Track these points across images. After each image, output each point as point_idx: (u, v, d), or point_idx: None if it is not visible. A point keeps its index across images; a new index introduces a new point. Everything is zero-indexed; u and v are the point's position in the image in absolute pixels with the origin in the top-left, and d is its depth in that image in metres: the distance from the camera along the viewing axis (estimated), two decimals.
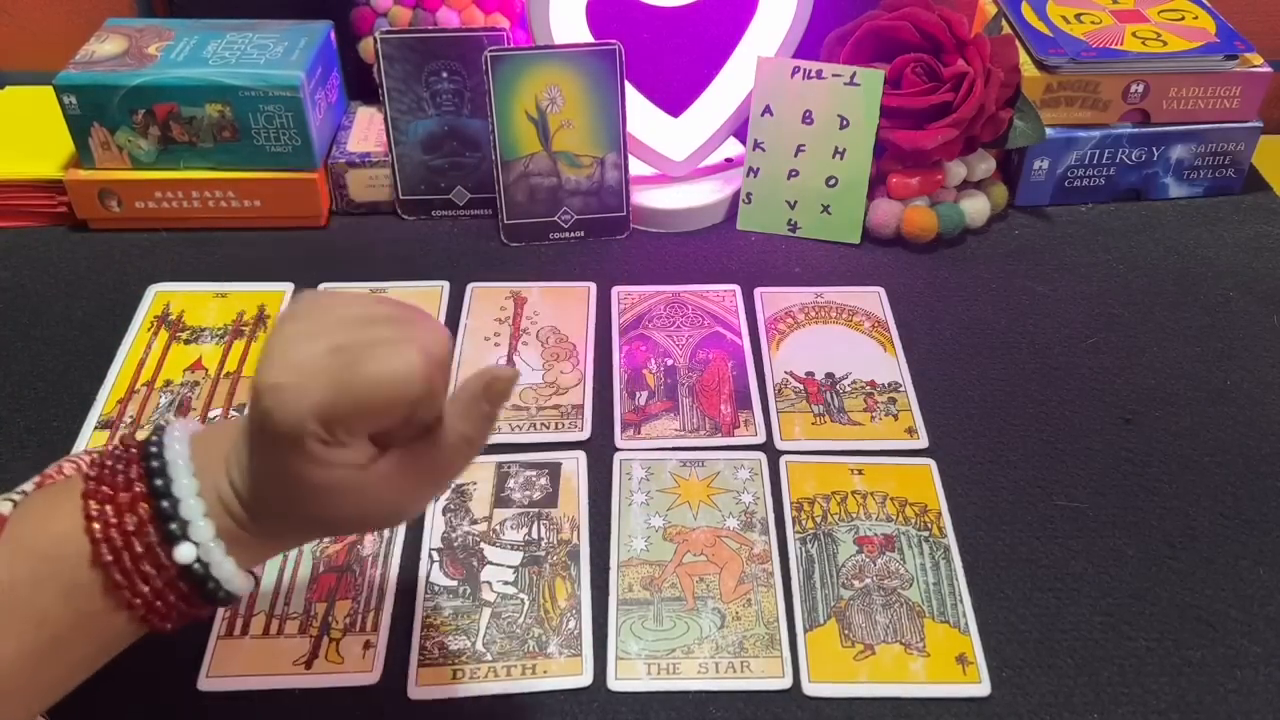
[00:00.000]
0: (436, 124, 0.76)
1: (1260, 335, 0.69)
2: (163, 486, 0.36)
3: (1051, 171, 0.80)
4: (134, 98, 0.71)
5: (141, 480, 0.36)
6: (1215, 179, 0.82)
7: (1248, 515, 0.57)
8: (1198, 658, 0.51)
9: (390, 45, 0.73)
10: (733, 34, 0.77)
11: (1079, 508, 0.58)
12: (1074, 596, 0.53)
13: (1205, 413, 0.64)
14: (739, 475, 0.59)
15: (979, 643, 0.51)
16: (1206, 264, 0.75)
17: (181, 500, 0.36)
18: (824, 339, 0.68)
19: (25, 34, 0.91)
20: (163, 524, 0.35)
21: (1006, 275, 0.74)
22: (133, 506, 0.35)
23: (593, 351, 0.67)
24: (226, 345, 0.65)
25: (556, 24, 0.73)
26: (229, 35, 0.76)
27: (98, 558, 0.35)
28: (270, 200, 0.75)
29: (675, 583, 0.54)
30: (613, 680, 0.49)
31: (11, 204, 0.76)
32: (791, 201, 0.77)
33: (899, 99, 0.74)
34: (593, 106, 0.73)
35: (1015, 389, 0.65)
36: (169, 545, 0.35)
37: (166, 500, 0.36)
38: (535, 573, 0.54)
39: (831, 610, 0.52)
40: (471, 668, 0.50)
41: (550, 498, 0.57)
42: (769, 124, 0.76)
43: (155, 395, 0.62)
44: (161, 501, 0.36)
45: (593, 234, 0.77)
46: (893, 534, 0.56)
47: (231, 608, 0.52)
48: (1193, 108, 0.79)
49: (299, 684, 0.49)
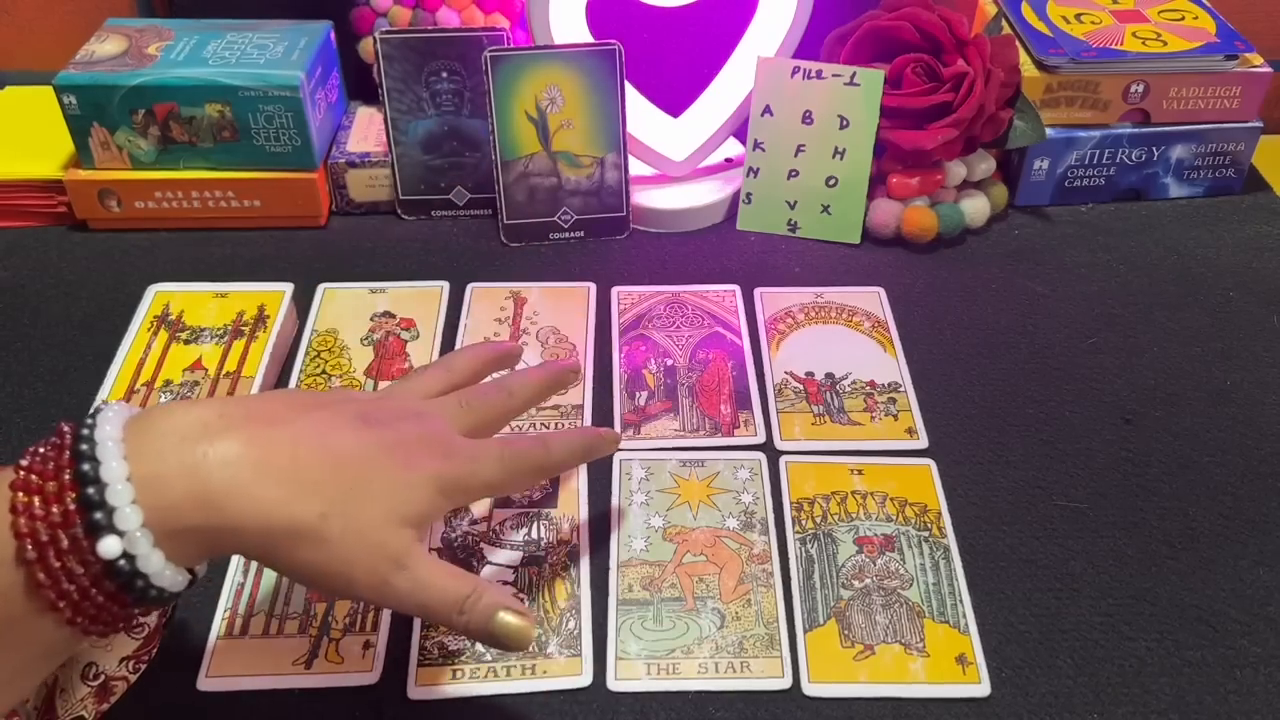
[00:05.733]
0: (436, 124, 0.76)
1: (1260, 335, 0.69)
2: (89, 471, 0.33)
3: (1051, 171, 0.80)
4: (134, 98, 0.71)
5: (70, 466, 0.33)
6: (1215, 179, 0.82)
7: (1248, 515, 0.57)
8: (1198, 658, 0.51)
9: (390, 45, 0.73)
10: (733, 34, 0.77)
11: (1079, 508, 0.58)
12: (1074, 596, 0.53)
13: (1205, 413, 0.64)
14: (739, 475, 0.59)
15: (979, 643, 0.51)
16: (1206, 264, 0.75)
17: (109, 485, 0.33)
18: (824, 339, 0.68)
19: (25, 34, 0.92)
20: (88, 513, 0.33)
21: (1006, 275, 0.74)
22: (60, 496, 0.33)
23: (592, 352, 0.67)
24: (226, 345, 0.65)
25: (556, 24, 0.73)
26: (229, 35, 0.76)
27: (21, 555, 0.32)
28: (270, 200, 0.75)
29: (675, 583, 0.54)
30: (612, 680, 0.49)
31: (11, 204, 0.76)
32: (791, 201, 0.77)
33: (899, 99, 0.74)
34: (593, 106, 0.73)
35: (1015, 389, 0.65)
36: (93, 537, 0.33)
37: (93, 486, 0.33)
38: (535, 573, 0.54)
39: (831, 610, 0.52)
40: (471, 668, 0.49)
41: (550, 498, 0.57)
42: (769, 124, 0.76)
43: (155, 395, 0.62)
44: (88, 488, 0.33)
45: (593, 234, 0.77)
46: (892, 534, 0.56)
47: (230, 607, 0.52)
48: (1193, 108, 0.79)
49: (299, 684, 0.49)
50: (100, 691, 0.44)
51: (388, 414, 0.41)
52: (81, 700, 0.44)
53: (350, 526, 0.37)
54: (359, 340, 0.67)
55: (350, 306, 0.69)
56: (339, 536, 0.37)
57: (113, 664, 0.44)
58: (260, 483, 0.36)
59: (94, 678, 0.45)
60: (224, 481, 0.35)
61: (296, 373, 0.65)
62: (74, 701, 0.44)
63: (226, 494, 0.35)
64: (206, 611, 0.52)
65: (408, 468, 0.40)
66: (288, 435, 0.37)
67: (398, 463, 0.39)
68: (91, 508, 0.33)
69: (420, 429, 0.42)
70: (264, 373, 0.63)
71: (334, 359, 0.66)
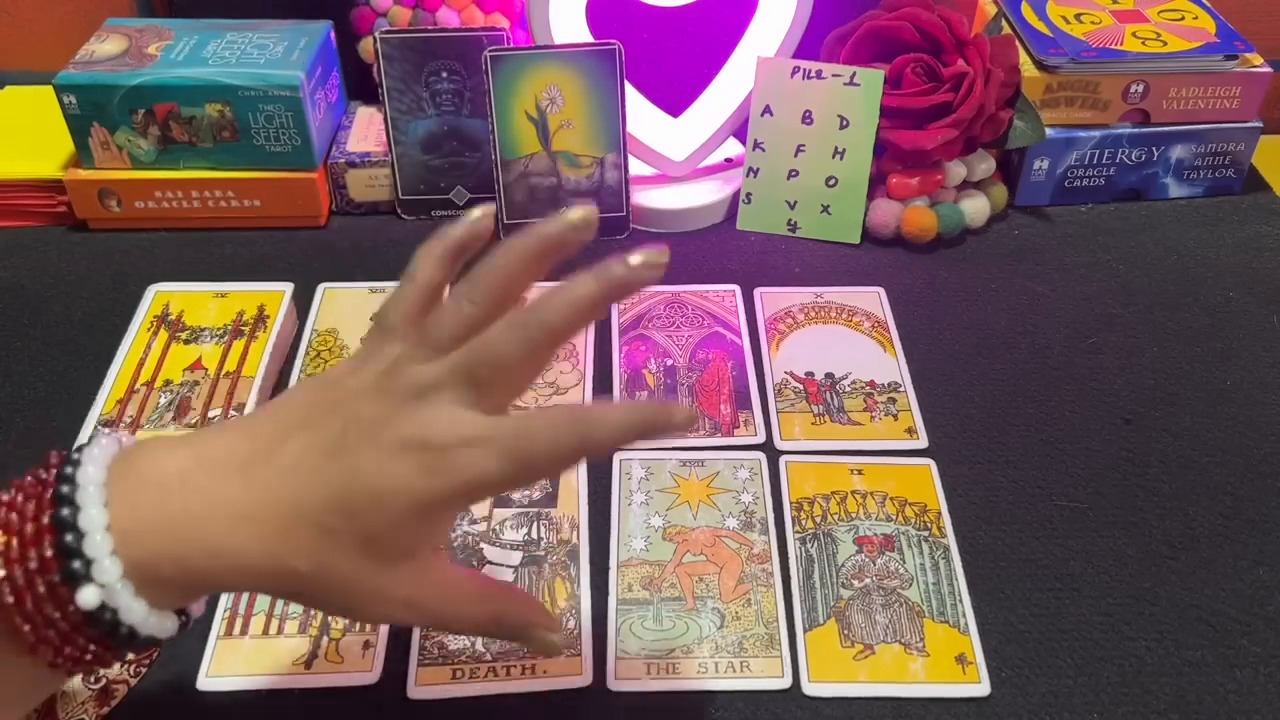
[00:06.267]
0: (436, 124, 0.76)
1: (1260, 335, 0.69)
2: (69, 517, 0.31)
3: (1051, 171, 0.80)
4: (134, 97, 0.71)
5: (51, 509, 0.32)
6: (1215, 179, 0.82)
7: (1248, 515, 0.57)
8: (1198, 658, 0.51)
9: (390, 45, 0.73)
10: (733, 34, 0.77)
11: (1079, 508, 0.58)
12: (1074, 596, 0.53)
13: (1205, 413, 0.63)
14: (739, 475, 0.59)
15: (979, 643, 0.51)
16: (1206, 264, 0.75)
17: (87, 535, 0.31)
18: (824, 339, 0.68)
19: (25, 34, 0.92)
20: (66, 560, 0.31)
21: (1006, 275, 0.74)
22: (38, 539, 0.31)
23: (592, 351, 0.67)
24: (226, 345, 0.65)
25: (556, 24, 0.73)
26: (229, 35, 0.76)
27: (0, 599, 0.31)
28: (270, 200, 0.75)
29: (675, 583, 0.54)
30: (612, 680, 0.49)
31: (11, 204, 0.76)
32: (791, 201, 0.77)
33: (899, 99, 0.74)
34: (593, 106, 0.73)
35: (1015, 389, 0.65)
36: (72, 585, 0.31)
37: (71, 534, 0.31)
38: (535, 573, 0.54)
39: (831, 610, 0.52)
40: (471, 667, 0.49)
41: (550, 498, 0.57)
42: (769, 124, 0.76)
43: (155, 395, 0.62)
44: (65, 535, 0.31)
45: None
46: (892, 534, 0.56)
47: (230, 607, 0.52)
48: (1193, 108, 0.78)
49: (299, 684, 0.49)
50: (101, 695, 0.44)
51: (371, 425, 0.35)
52: (83, 704, 0.44)
53: (341, 576, 0.35)
54: (359, 340, 0.67)
55: (350, 306, 0.69)
56: (334, 586, 0.35)
57: (113, 667, 0.44)
58: (236, 538, 0.33)
59: (95, 682, 0.45)
60: (199, 543, 0.33)
61: (296, 373, 0.65)
62: (75, 705, 0.44)
63: (203, 554, 0.33)
64: (206, 611, 0.51)
65: (390, 506, 0.34)
66: (263, 480, 0.34)
67: (380, 504, 0.34)
68: (70, 555, 0.31)
69: (402, 436, 0.34)
70: (264, 373, 0.63)
71: (334, 359, 0.66)
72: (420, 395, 0.35)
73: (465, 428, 0.34)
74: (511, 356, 0.35)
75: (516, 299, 0.37)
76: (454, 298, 0.37)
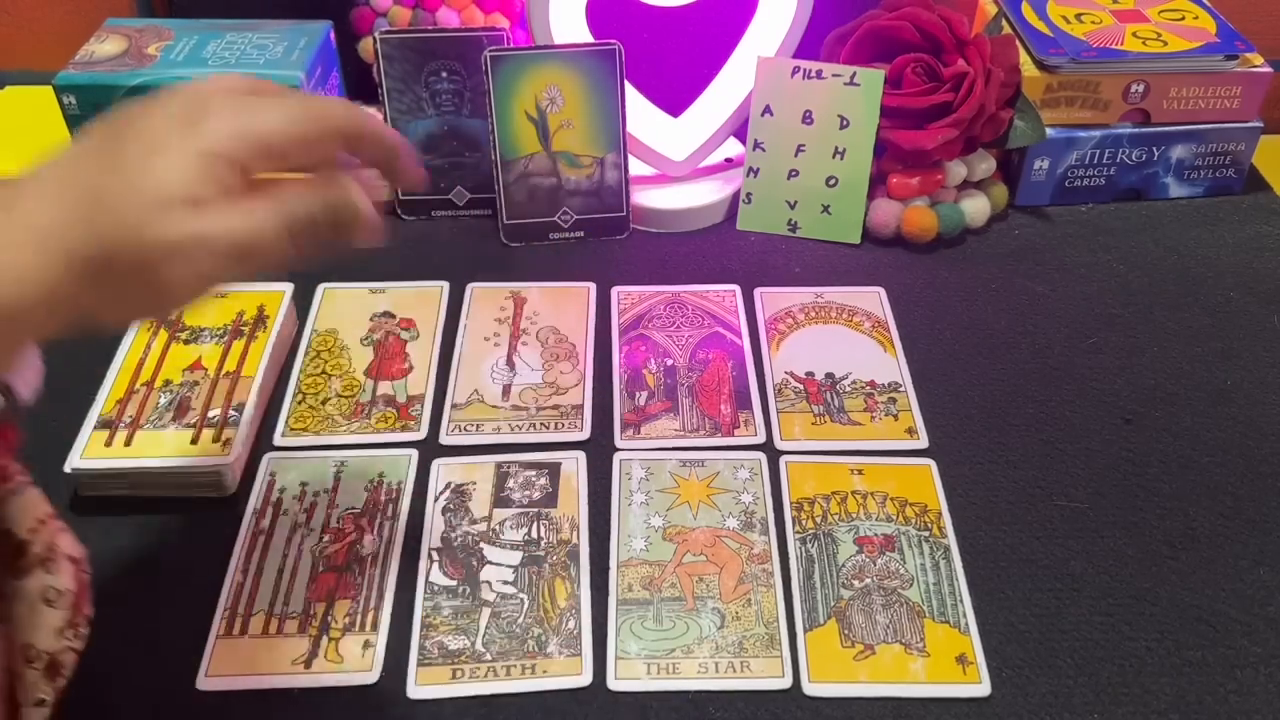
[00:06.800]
0: (436, 124, 0.76)
1: (1260, 335, 0.69)
2: None
3: (1051, 171, 0.80)
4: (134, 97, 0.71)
5: None
6: (1215, 179, 0.82)
7: (1248, 515, 0.57)
8: (1198, 658, 0.51)
9: (390, 45, 0.73)
10: (733, 34, 0.77)
11: (1079, 508, 0.58)
12: (1074, 596, 0.53)
13: (1205, 413, 0.63)
14: (739, 475, 0.59)
15: (979, 643, 0.51)
16: (1206, 264, 0.75)
17: None
18: (824, 339, 0.68)
19: (25, 34, 0.92)
20: None
21: (1006, 275, 0.74)
22: None
23: (592, 352, 0.67)
24: (226, 345, 0.65)
25: (556, 24, 0.73)
26: (229, 35, 0.76)
27: None
28: None
29: (675, 583, 0.54)
30: (612, 680, 0.49)
31: None
32: (791, 201, 0.77)
33: (899, 99, 0.74)
34: (592, 106, 0.73)
35: (1015, 389, 0.65)
36: None
37: None
38: (535, 572, 0.54)
39: (831, 610, 0.52)
40: (471, 667, 0.49)
41: (550, 498, 0.57)
42: (769, 124, 0.76)
43: (155, 395, 0.62)
44: None
45: (593, 234, 0.77)
46: (893, 534, 0.56)
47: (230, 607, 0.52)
48: (1193, 108, 0.78)
49: (298, 683, 0.49)
50: (49, 670, 0.43)
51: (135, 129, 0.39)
52: (34, 683, 0.43)
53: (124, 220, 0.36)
54: (359, 340, 0.67)
55: (350, 306, 0.69)
56: (123, 248, 0.35)
57: (49, 639, 0.43)
58: (11, 259, 0.34)
59: (36, 659, 0.44)
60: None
61: (296, 373, 0.65)
62: (28, 685, 0.43)
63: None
64: (206, 611, 0.52)
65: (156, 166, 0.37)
66: (23, 203, 0.36)
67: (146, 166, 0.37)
68: None
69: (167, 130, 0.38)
70: (263, 373, 0.63)
71: (334, 359, 0.66)
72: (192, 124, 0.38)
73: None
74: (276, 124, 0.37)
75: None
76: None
